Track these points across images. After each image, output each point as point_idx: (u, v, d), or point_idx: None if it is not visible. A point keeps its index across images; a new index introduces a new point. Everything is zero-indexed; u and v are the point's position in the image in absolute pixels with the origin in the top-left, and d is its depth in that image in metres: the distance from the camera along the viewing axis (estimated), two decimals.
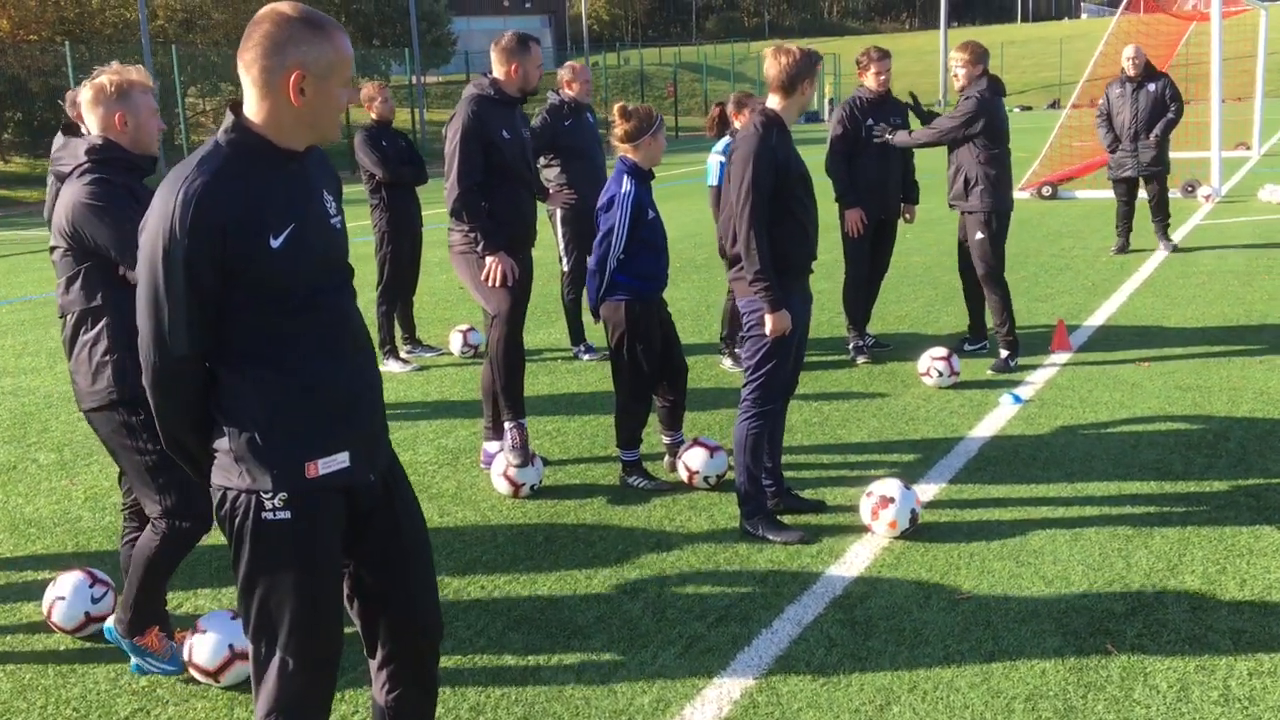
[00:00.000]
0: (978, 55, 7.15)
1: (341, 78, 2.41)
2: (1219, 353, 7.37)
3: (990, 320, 7.43)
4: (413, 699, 2.78)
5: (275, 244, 2.37)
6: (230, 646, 3.61)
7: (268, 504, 2.43)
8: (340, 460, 2.50)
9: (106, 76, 3.55)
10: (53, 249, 3.58)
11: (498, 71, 5.41)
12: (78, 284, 3.53)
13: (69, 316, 3.58)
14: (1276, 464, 5.29)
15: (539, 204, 6.05)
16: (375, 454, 2.62)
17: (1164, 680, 3.48)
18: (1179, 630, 3.78)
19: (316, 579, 2.51)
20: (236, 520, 2.46)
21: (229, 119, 2.42)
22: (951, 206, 7.41)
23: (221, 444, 2.46)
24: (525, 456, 5.27)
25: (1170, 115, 11.06)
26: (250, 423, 2.42)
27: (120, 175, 3.49)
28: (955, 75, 7.18)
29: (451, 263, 5.54)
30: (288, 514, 2.44)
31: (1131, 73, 11.11)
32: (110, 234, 3.41)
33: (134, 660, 3.73)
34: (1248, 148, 21.78)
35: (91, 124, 3.57)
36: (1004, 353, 7.26)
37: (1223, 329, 8.05)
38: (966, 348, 7.65)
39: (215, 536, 4.94)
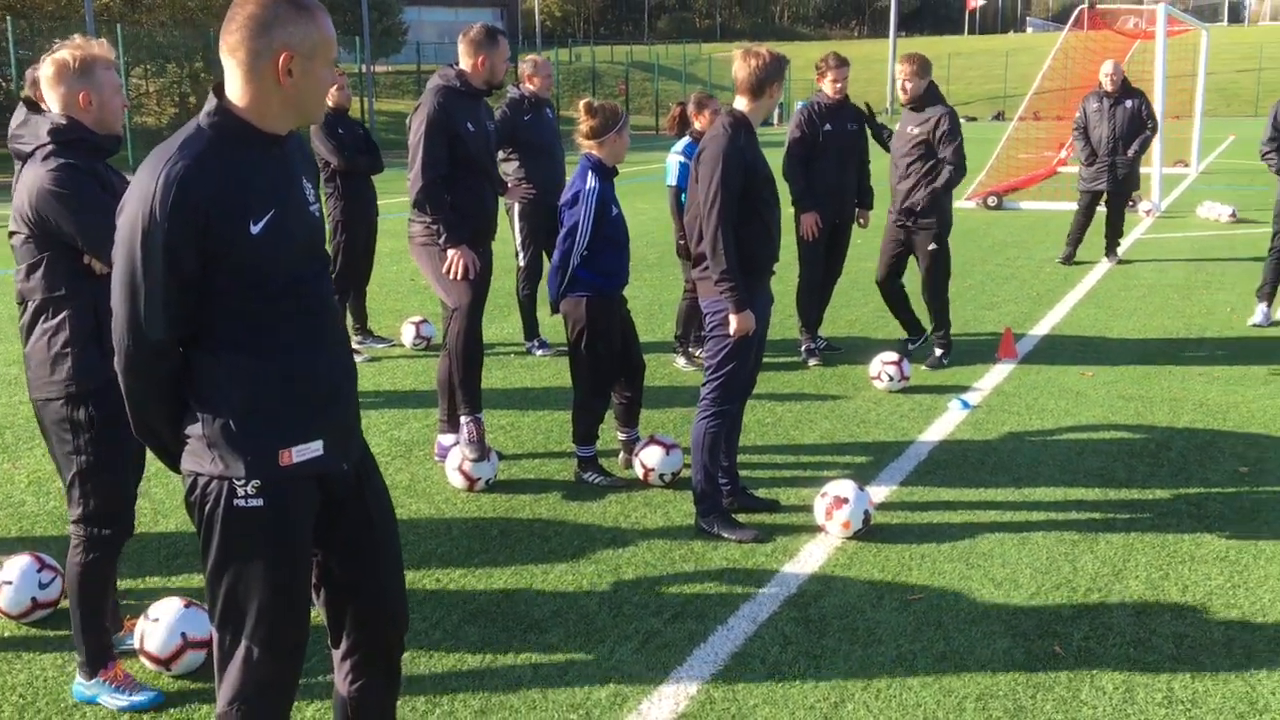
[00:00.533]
0: (925, 67, 7.30)
1: (326, 58, 2.40)
2: (1160, 364, 7.55)
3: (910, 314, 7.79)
4: (376, 689, 2.77)
5: (256, 229, 2.34)
6: (183, 635, 3.56)
7: (240, 491, 2.40)
8: (314, 449, 2.48)
9: (69, 51, 3.36)
10: (12, 234, 3.41)
11: (464, 63, 5.38)
12: (39, 272, 3.37)
13: (29, 304, 3.42)
14: (1216, 473, 5.43)
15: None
16: (349, 443, 2.61)
17: (1110, 682, 3.57)
18: (1124, 633, 3.87)
19: (286, 568, 2.49)
20: (207, 507, 2.43)
21: (211, 102, 2.38)
22: (902, 218, 7.48)
23: (194, 430, 2.42)
24: (482, 451, 5.26)
25: (1147, 132, 11.29)
26: (225, 409, 2.40)
27: (85, 158, 3.34)
28: (904, 87, 7.30)
29: (411, 254, 5.51)
30: (260, 501, 2.41)
31: (1110, 88, 11.30)
32: (76, 223, 3.27)
33: (110, 702, 3.45)
34: (1186, 165, 22.31)
35: (53, 102, 3.39)
36: (939, 351, 7.59)
37: (1163, 341, 8.24)
38: (910, 348, 7.80)
39: (163, 524, 4.88)
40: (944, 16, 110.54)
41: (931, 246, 7.38)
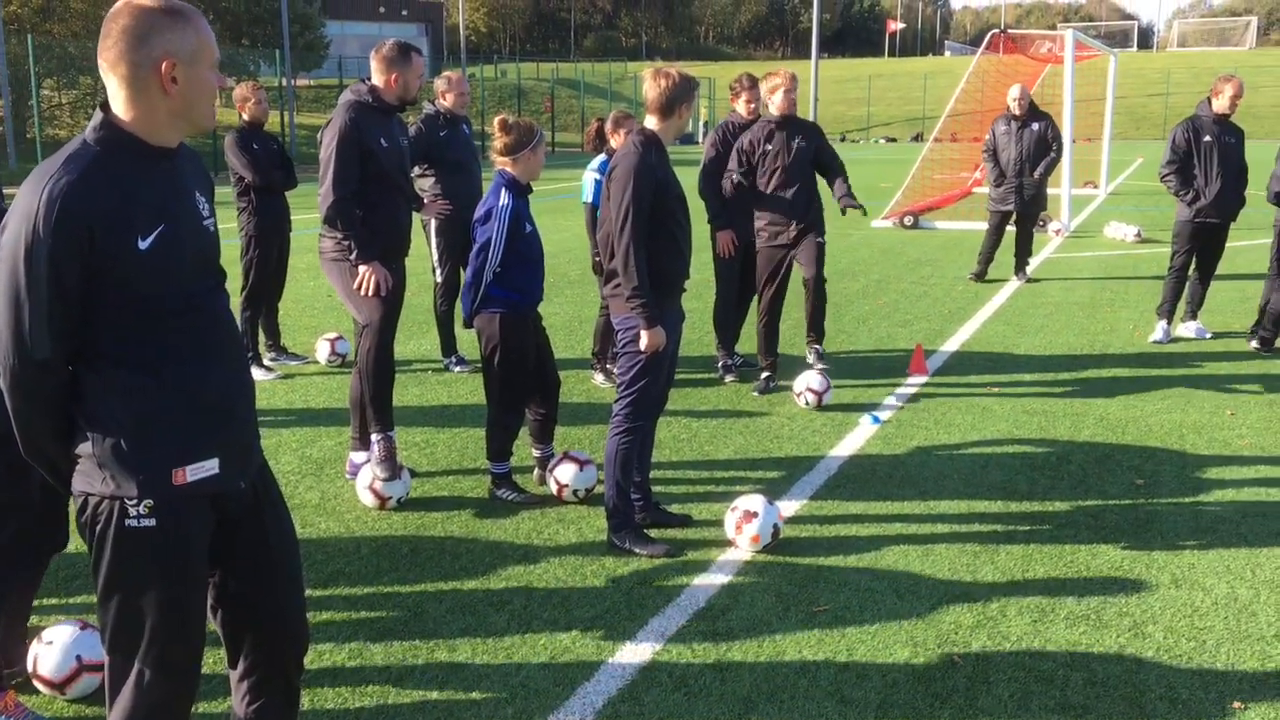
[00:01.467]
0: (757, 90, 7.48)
1: (209, 61, 2.38)
2: (1064, 379, 7.77)
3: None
4: (274, 710, 2.74)
5: (143, 245, 2.32)
6: (78, 658, 3.48)
7: (132, 511, 2.37)
8: (209, 467, 2.45)
9: None
10: None
11: (377, 79, 5.36)
12: None
13: None
14: (1114, 486, 5.60)
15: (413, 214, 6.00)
16: (247, 461, 2.59)
17: (1005, 689, 3.66)
18: (1021, 641, 3.98)
19: (180, 588, 2.46)
20: (98, 528, 2.39)
21: (98, 117, 2.37)
22: (801, 235, 7.37)
23: (84, 449, 2.38)
24: (393, 469, 5.23)
25: (1053, 154, 11.61)
26: (115, 428, 2.36)
27: None
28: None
29: (323, 269, 5.46)
30: (152, 521, 2.38)
31: (1017, 112, 11.61)
32: None
33: None
34: (1095, 186, 22.98)
35: None
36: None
37: (1068, 357, 8.48)
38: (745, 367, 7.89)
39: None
40: (865, 39, 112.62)
41: (822, 262, 7.53)
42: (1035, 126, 11.59)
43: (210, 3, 41.70)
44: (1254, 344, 8.70)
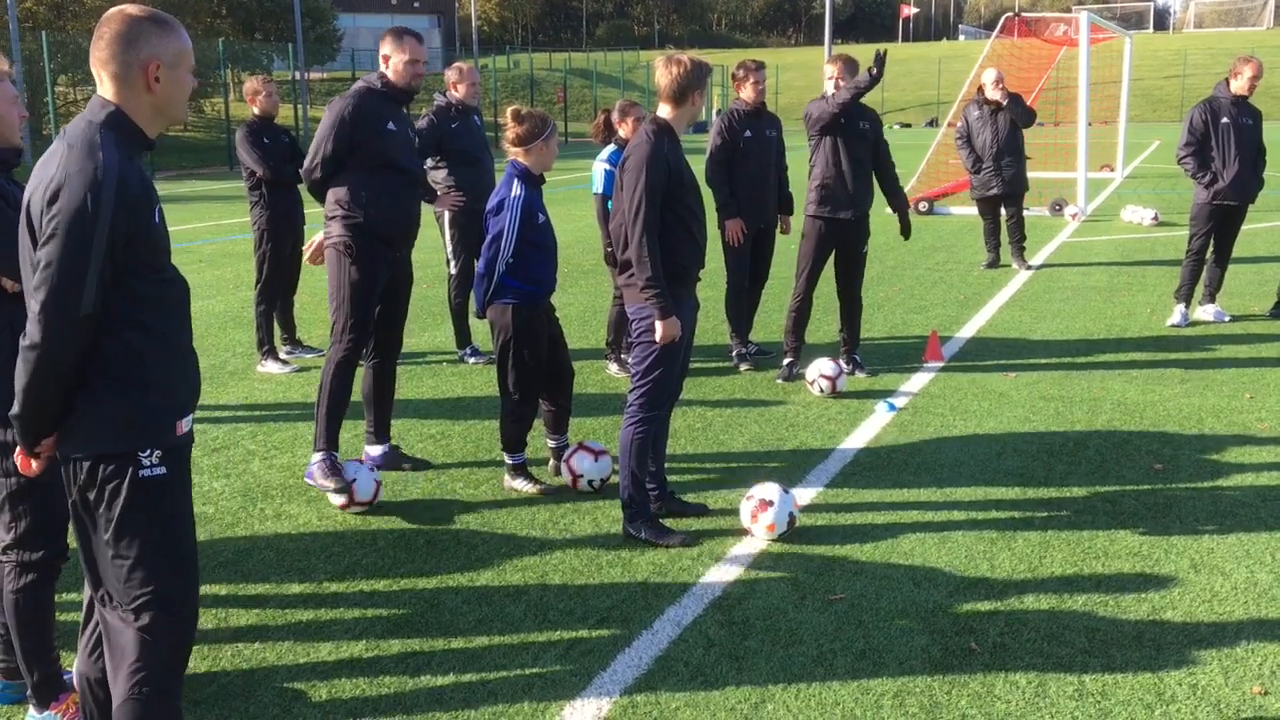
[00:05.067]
0: (853, 67, 7.36)
1: (187, 66, 2.71)
2: (1080, 365, 7.73)
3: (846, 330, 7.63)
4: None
5: (156, 219, 2.65)
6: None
7: (145, 462, 2.63)
8: (190, 419, 2.79)
9: None
10: None
11: (382, 66, 5.40)
12: None
13: None
14: (1132, 471, 5.57)
15: (425, 206, 6.00)
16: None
17: (1023, 677, 3.65)
18: (1038, 629, 3.96)
19: (189, 526, 2.76)
20: (109, 485, 2.62)
21: (108, 106, 2.64)
22: (862, 217, 7.31)
23: (96, 407, 2.60)
24: (340, 480, 5.09)
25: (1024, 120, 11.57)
26: (133, 385, 2.62)
27: None
28: (837, 88, 7.28)
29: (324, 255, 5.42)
30: (163, 469, 2.66)
31: (996, 97, 11.56)
32: None
33: None
34: (1112, 169, 22.82)
35: None
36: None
37: (1084, 342, 8.43)
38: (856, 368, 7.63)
39: None
40: (878, 24, 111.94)
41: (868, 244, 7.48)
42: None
43: None
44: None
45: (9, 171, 3.38)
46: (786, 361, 7.48)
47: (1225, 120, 8.61)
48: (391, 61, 5.31)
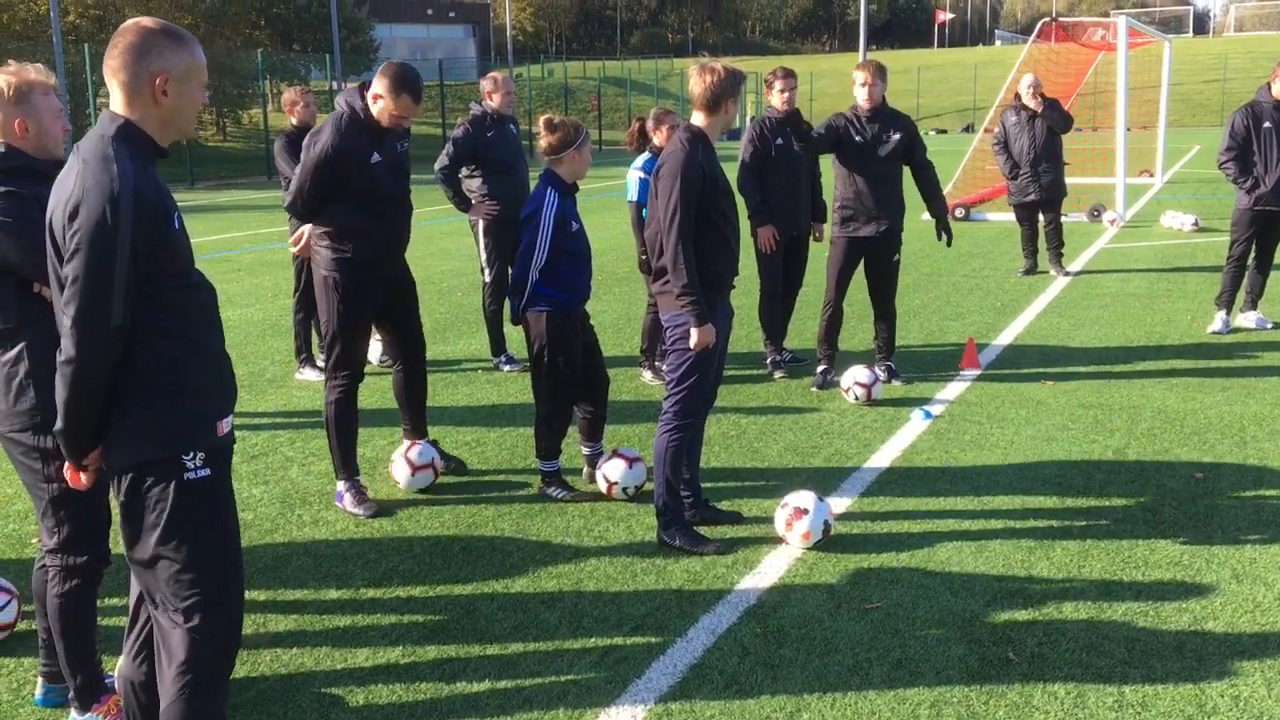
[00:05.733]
0: (882, 72, 7.30)
1: (198, 81, 2.74)
2: (1120, 372, 7.65)
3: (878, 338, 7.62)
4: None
5: (176, 226, 2.69)
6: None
7: (189, 465, 2.69)
8: (229, 421, 2.83)
9: (3, 78, 3.30)
10: None
11: (370, 99, 5.10)
12: None
13: None
14: (1172, 480, 5.51)
15: (458, 216, 6.02)
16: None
17: (1062, 687, 3.61)
18: (1077, 639, 3.92)
19: (234, 524, 2.82)
20: (155, 490, 2.68)
21: (118, 119, 2.67)
22: (889, 230, 7.25)
23: (130, 419, 2.65)
24: (370, 508, 5.25)
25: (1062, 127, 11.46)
26: (169, 392, 2.67)
27: (29, 185, 3.27)
28: (870, 94, 7.21)
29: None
30: (207, 471, 2.72)
31: (1031, 103, 11.48)
32: (26, 252, 3.21)
33: None
34: (1151, 175, 22.58)
35: None
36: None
37: (1123, 349, 8.34)
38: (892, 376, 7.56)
39: None
40: (913, 30, 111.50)
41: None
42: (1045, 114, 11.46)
43: (262, 10, 42.32)
44: None
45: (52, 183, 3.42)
46: (820, 369, 7.46)
47: (1267, 124, 8.49)
48: (381, 104, 5.02)
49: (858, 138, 7.16)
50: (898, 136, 7.18)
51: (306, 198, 5.12)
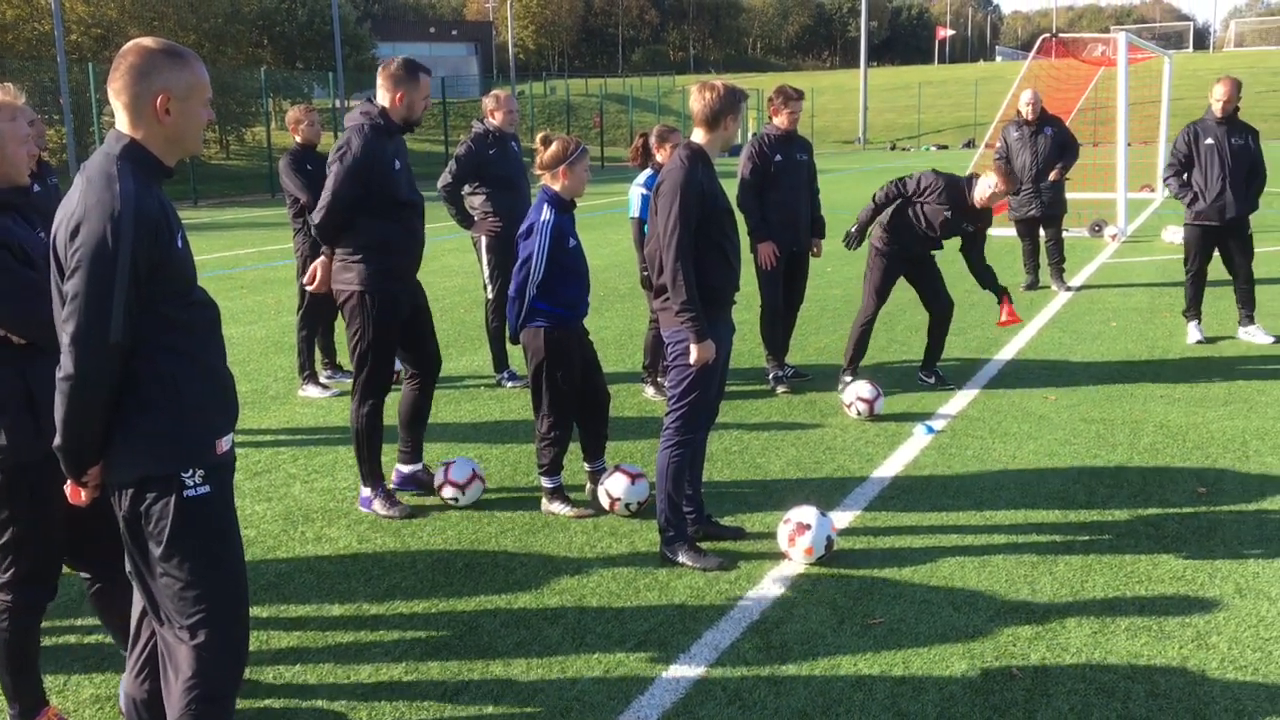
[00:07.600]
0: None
1: (201, 99, 2.76)
2: (1122, 386, 7.65)
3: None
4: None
5: (179, 245, 2.71)
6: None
7: (189, 482, 2.70)
8: (230, 439, 2.84)
9: None
10: None
11: (383, 98, 5.24)
12: None
13: None
14: (1175, 494, 5.50)
15: (456, 233, 6.05)
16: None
17: (1065, 702, 3.60)
18: (1080, 654, 3.92)
19: (236, 542, 2.84)
20: (156, 507, 2.68)
21: (124, 138, 2.69)
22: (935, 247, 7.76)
23: (134, 433, 2.67)
24: (401, 510, 5.41)
25: (1068, 156, 11.50)
26: (169, 409, 2.68)
27: None
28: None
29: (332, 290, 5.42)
30: (207, 488, 2.73)
31: (1029, 117, 11.53)
32: None
33: None
34: (1152, 190, 22.60)
35: None
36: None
37: (1126, 364, 8.35)
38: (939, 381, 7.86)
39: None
40: (914, 46, 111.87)
41: None
42: (1048, 131, 11.51)
43: (265, 28, 42.52)
44: None
45: (18, 212, 3.23)
46: (845, 374, 7.71)
47: (1209, 141, 8.72)
48: (407, 97, 5.16)
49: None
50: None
51: (338, 213, 5.15)
